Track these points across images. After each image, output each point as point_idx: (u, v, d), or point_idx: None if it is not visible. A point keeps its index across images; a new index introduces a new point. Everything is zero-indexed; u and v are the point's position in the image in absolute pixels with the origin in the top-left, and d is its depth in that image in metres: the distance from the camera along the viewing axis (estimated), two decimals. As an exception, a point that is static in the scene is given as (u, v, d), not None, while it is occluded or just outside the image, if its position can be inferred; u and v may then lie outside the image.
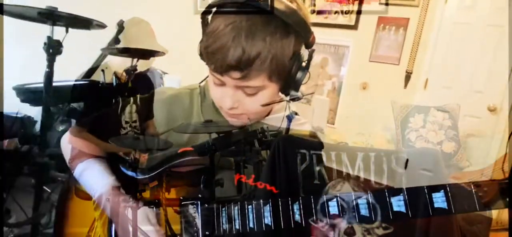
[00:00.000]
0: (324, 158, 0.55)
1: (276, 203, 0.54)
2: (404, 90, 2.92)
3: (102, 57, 1.77)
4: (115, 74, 0.91)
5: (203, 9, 0.76)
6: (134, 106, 0.80)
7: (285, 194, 0.54)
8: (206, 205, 0.62)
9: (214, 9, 0.73)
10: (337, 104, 3.52)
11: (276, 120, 0.82)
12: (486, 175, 1.48)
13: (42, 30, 1.34)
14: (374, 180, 0.51)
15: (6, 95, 1.72)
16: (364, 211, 0.49)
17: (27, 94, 1.66)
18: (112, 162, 0.72)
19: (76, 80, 1.85)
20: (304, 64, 0.75)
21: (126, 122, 0.78)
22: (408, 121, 2.37)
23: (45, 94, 1.42)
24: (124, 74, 0.91)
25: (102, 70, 1.64)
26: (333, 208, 0.49)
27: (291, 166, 0.55)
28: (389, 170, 0.51)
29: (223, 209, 0.60)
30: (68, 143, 0.78)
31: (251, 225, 0.56)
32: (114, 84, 0.89)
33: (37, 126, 2.18)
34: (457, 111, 2.38)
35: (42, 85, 1.48)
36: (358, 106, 3.42)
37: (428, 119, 2.34)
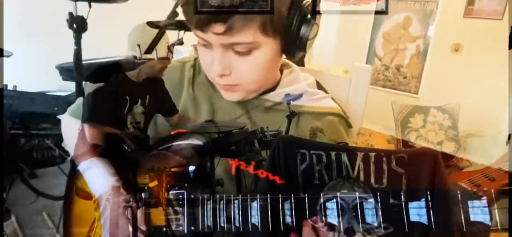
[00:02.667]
0: (325, 158, 0.55)
1: (265, 200, 0.52)
2: (509, 52, 2.60)
3: (160, 34, 1.73)
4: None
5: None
6: (141, 108, 0.76)
7: (285, 194, 0.54)
8: (192, 196, 0.58)
9: None
10: (421, 71, 3.12)
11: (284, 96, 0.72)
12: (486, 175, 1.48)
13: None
14: (374, 180, 0.51)
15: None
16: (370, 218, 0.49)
17: (68, 72, 1.66)
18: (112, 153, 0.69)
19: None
20: (308, 15, 0.61)
21: (130, 123, 0.75)
22: (408, 121, 2.37)
23: (76, 73, 1.42)
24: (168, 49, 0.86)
25: (138, 45, 1.63)
26: (331, 211, 0.49)
27: (291, 166, 0.55)
28: (389, 170, 0.51)
29: (208, 202, 0.57)
30: (82, 140, 0.73)
31: (236, 223, 0.54)
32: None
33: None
34: (457, 111, 2.38)
35: (85, 62, 1.47)
36: (449, 72, 2.98)
37: (428, 119, 2.34)
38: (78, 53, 1.40)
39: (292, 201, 0.51)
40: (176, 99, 0.78)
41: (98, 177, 0.68)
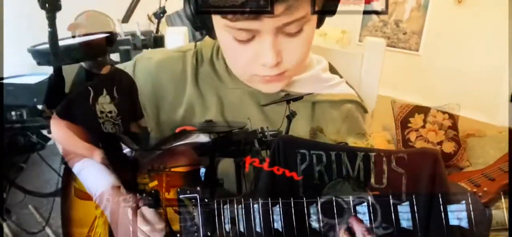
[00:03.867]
0: (325, 158, 0.55)
1: (287, 204, 0.51)
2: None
3: (135, 2, 1.60)
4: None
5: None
6: (107, 97, 0.71)
7: (285, 195, 0.54)
8: (206, 201, 0.57)
9: None
10: (422, 26, 2.93)
11: (309, 81, 0.71)
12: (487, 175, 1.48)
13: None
14: (374, 180, 0.51)
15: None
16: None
17: (43, 56, 1.58)
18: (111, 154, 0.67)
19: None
20: None
21: (101, 112, 0.70)
22: (408, 121, 2.37)
23: (52, 56, 1.25)
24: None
25: (118, 20, 1.58)
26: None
27: (291, 166, 0.55)
28: (389, 170, 0.51)
29: (225, 207, 0.56)
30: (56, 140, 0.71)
31: (257, 229, 0.53)
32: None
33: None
34: (457, 111, 2.38)
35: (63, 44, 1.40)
36: (451, 26, 2.82)
37: (428, 119, 2.34)
38: (53, 35, 1.20)
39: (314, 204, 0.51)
40: (180, 93, 0.73)
41: (95, 176, 0.67)
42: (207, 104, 0.73)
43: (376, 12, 0.69)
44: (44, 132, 1.78)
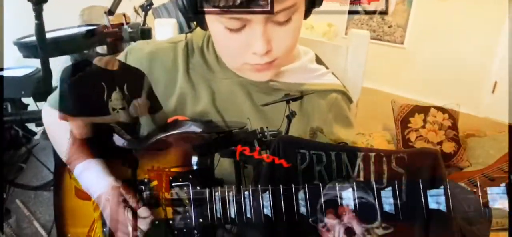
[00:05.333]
0: (325, 158, 0.55)
1: (277, 191, 0.53)
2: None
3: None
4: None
5: None
6: (119, 94, 0.71)
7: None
8: (198, 188, 0.58)
9: None
10: (407, 19, 3.01)
11: (297, 72, 0.72)
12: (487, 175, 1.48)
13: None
14: (374, 181, 0.51)
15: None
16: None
17: (29, 49, 1.49)
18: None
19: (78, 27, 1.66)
20: None
21: (113, 109, 0.70)
22: (408, 121, 2.37)
23: (39, 49, 1.28)
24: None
25: (105, 12, 1.56)
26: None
27: (291, 166, 0.55)
28: (389, 170, 0.51)
29: (216, 193, 0.57)
30: (73, 143, 0.69)
31: (248, 214, 0.55)
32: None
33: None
34: (457, 111, 2.38)
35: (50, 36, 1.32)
36: (436, 19, 2.89)
37: (428, 119, 2.34)
38: (40, 28, 1.23)
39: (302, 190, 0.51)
40: (171, 84, 0.74)
41: (96, 177, 0.67)
42: (199, 94, 0.74)
43: (375, 13, 0.70)
44: (31, 126, 1.75)
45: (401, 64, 3.58)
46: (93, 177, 0.68)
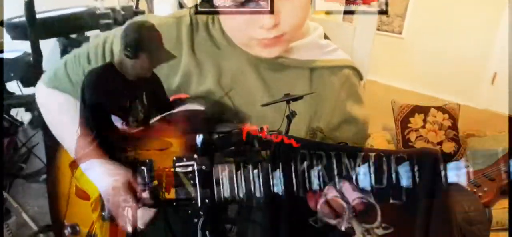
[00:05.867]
0: (325, 158, 0.54)
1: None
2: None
3: None
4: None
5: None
6: (139, 106, 0.69)
7: (285, 195, 0.54)
8: (204, 168, 0.56)
9: None
10: (406, 8, 2.99)
11: (307, 48, 0.70)
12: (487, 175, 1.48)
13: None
14: (374, 180, 0.51)
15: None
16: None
17: (18, 30, 1.44)
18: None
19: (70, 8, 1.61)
20: None
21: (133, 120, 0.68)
22: (408, 121, 2.37)
23: (29, 29, 1.25)
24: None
25: None
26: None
27: (291, 166, 0.55)
28: (389, 170, 0.51)
29: (224, 173, 0.55)
30: (82, 142, 0.66)
31: (257, 194, 0.54)
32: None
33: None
34: (457, 111, 2.38)
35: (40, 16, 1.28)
36: (434, 9, 2.90)
37: (428, 119, 2.34)
38: (30, 6, 1.21)
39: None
40: (175, 61, 0.70)
41: (97, 176, 0.67)
42: (204, 72, 0.71)
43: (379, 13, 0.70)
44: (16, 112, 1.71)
45: (399, 55, 3.54)
46: (95, 176, 0.67)
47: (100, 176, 0.67)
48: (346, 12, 0.69)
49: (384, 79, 3.42)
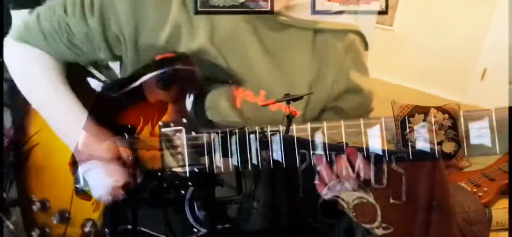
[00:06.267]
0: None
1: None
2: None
3: None
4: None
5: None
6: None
7: (285, 195, 0.54)
8: (194, 134, 0.50)
9: None
10: (397, 0, 2.94)
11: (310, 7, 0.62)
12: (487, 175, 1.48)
13: None
14: (374, 180, 0.51)
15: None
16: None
17: None
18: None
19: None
20: None
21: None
22: (408, 121, 2.36)
23: None
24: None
25: None
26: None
27: (291, 166, 0.55)
28: (389, 170, 0.51)
29: (216, 140, 0.50)
30: (84, 146, 0.63)
31: (254, 161, 0.50)
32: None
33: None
34: (457, 111, 2.37)
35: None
36: (426, 1, 2.87)
37: (428, 119, 2.34)
38: None
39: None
40: (164, 13, 0.64)
41: (97, 178, 0.66)
42: (196, 27, 0.66)
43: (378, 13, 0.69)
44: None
45: (388, 47, 3.51)
46: (96, 177, 0.66)
47: (101, 177, 0.65)
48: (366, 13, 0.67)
49: (374, 71, 3.40)
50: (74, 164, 0.64)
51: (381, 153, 0.48)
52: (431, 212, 0.53)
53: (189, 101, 0.53)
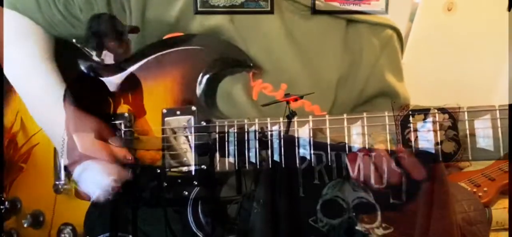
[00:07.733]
0: (325, 158, 0.54)
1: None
2: (509, 14, 2.50)
3: None
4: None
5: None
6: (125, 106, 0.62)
7: (285, 195, 0.54)
8: (204, 123, 0.45)
9: None
10: (408, 33, 2.92)
11: None
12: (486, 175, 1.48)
13: None
14: (374, 180, 0.51)
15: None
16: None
17: None
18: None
19: None
20: None
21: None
22: (408, 121, 2.37)
23: None
24: None
25: None
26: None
27: (291, 166, 0.55)
28: (389, 170, 0.51)
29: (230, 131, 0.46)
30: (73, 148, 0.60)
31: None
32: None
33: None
34: (457, 111, 2.37)
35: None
36: (439, 34, 2.85)
37: (428, 119, 2.34)
38: None
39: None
40: None
41: (94, 178, 0.65)
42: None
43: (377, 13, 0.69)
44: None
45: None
46: (92, 177, 0.65)
47: (98, 177, 0.63)
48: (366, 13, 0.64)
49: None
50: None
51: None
52: (431, 212, 0.53)
53: (199, 87, 0.47)
